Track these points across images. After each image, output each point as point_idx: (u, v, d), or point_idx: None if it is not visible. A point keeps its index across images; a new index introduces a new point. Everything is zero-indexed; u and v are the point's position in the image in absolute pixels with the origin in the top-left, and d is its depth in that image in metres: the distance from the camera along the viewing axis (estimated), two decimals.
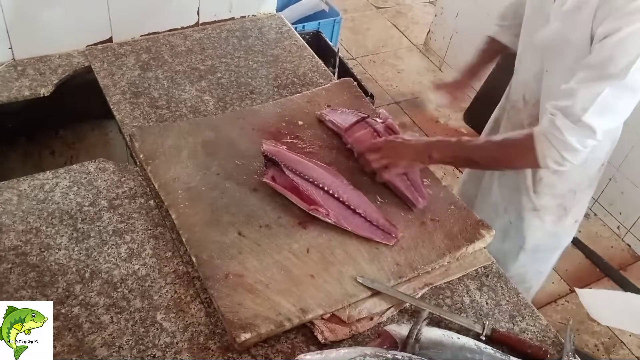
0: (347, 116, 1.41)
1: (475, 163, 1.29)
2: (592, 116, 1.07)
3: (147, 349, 0.97)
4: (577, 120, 1.08)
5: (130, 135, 1.33)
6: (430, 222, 1.22)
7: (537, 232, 1.45)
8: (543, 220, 1.43)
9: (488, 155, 1.23)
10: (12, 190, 1.20)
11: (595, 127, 1.08)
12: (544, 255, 1.54)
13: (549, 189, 1.38)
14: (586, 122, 1.07)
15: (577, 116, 1.08)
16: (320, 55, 1.78)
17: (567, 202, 1.40)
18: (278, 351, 0.99)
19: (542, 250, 1.51)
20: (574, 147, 1.11)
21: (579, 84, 1.08)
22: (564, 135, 1.10)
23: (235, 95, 1.54)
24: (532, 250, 1.49)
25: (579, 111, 1.07)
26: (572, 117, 1.08)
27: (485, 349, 0.99)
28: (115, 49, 1.62)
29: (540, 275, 1.61)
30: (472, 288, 1.15)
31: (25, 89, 1.46)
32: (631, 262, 2.55)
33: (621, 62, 1.02)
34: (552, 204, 1.40)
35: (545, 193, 1.39)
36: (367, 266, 1.10)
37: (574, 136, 1.09)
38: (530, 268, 1.55)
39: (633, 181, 2.54)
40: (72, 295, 1.02)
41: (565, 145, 1.11)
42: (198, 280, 1.07)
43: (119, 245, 1.12)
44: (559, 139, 1.11)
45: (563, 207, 1.41)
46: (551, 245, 1.52)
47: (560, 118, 1.10)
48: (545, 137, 1.13)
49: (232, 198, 1.20)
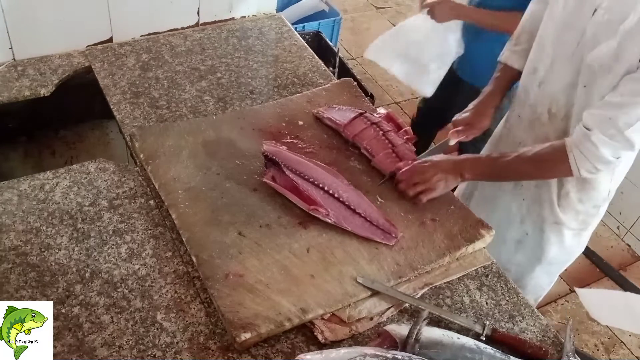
0: (345, 112, 1.42)
1: (506, 178, 1.32)
2: (635, 132, 1.08)
3: (147, 348, 0.97)
4: (615, 134, 1.09)
5: (130, 135, 1.33)
6: (430, 222, 1.22)
7: (555, 246, 1.45)
8: (563, 234, 1.42)
9: (520, 171, 1.26)
10: (12, 190, 1.20)
11: (635, 142, 1.10)
12: (557, 268, 1.54)
13: (575, 204, 1.37)
14: (627, 137, 1.09)
15: (619, 130, 1.09)
16: (320, 55, 1.78)
17: (589, 217, 1.40)
18: (278, 351, 0.99)
19: (557, 262, 1.50)
20: (608, 159, 1.13)
21: (625, 98, 1.08)
22: (599, 149, 1.11)
23: (236, 95, 1.54)
24: (548, 262, 1.48)
25: (622, 125, 1.08)
26: (612, 130, 1.09)
27: (485, 348, 0.99)
28: (115, 49, 1.62)
29: (550, 285, 1.61)
30: (472, 288, 1.15)
31: (25, 89, 1.46)
32: (631, 262, 2.55)
33: None
34: (575, 219, 1.40)
35: (571, 208, 1.38)
36: (367, 266, 1.10)
37: (610, 150, 1.11)
38: (544, 280, 1.55)
39: (633, 181, 2.54)
40: (72, 295, 1.02)
41: (600, 158, 1.13)
42: (198, 280, 1.07)
43: (119, 245, 1.12)
44: (593, 153, 1.12)
45: (586, 222, 1.41)
46: (566, 258, 1.52)
47: (596, 134, 1.11)
48: (579, 150, 1.14)
49: (232, 198, 1.20)
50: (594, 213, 1.39)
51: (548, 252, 1.46)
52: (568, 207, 1.37)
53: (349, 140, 1.37)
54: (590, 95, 1.19)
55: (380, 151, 1.32)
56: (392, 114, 1.43)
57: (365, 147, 1.34)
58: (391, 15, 3.84)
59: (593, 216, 1.40)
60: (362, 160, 1.34)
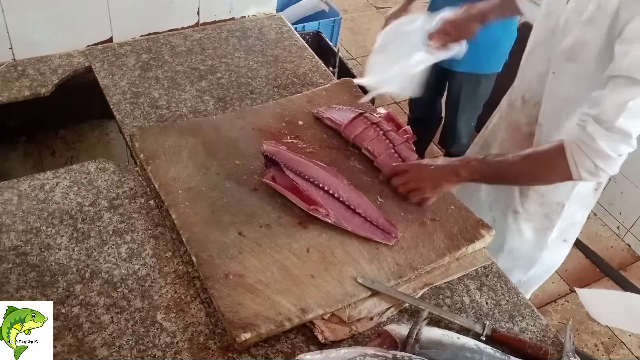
0: (345, 113, 1.42)
1: (504, 179, 1.26)
2: (626, 120, 1.04)
3: (147, 348, 0.97)
4: (610, 127, 1.05)
5: (130, 135, 1.33)
6: (430, 222, 1.22)
7: (515, 236, 1.43)
8: (523, 225, 1.41)
9: (517, 171, 1.20)
10: (12, 190, 1.20)
11: (630, 131, 1.05)
12: (520, 264, 1.50)
13: (537, 195, 1.36)
14: (620, 127, 1.04)
15: (610, 122, 1.05)
16: (320, 55, 1.78)
17: (553, 213, 1.38)
18: (278, 351, 0.99)
19: (520, 257, 1.48)
20: (607, 154, 1.07)
21: (607, 91, 1.06)
22: (596, 142, 1.06)
23: (236, 95, 1.54)
24: (509, 253, 1.46)
25: (611, 117, 1.04)
26: (605, 123, 1.06)
27: (485, 349, 0.99)
28: (115, 49, 1.62)
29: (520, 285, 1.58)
30: (472, 288, 1.15)
31: (25, 89, 1.46)
32: (631, 262, 2.55)
33: None
34: (538, 211, 1.38)
35: (534, 199, 1.36)
36: (367, 266, 1.10)
37: (607, 143, 1.06)
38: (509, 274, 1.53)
39: (633, 181, 2.54)
40: (72, 295, 1.02)
41: (598, 152, 1.07)
42: (198, 280, 1.07)
43: (119, 245, 1.12)
44: (590, 147, 1.07)
45: (549, 218, 1.39)
46: (529, 255, 1.47)
47: (591, 124, 1.07)
48: (577, 145, 1.09)
49: (232, 198, 1.20)
50: (558, 210, 1.37)
51: (508, 242, 1.45)
52: (530, 197, 1.37)
53: (349, 140, 1.37)
54: (557, 83, 1.20)
55: (382, 151, 1.32)
56: (392, 114, 1.43)
57: (366, 147, 1.34)
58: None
59: (558, 214, 1.38)
60: (362, 160, 1.34)
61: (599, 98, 1.07)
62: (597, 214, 2.72)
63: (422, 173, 1.24)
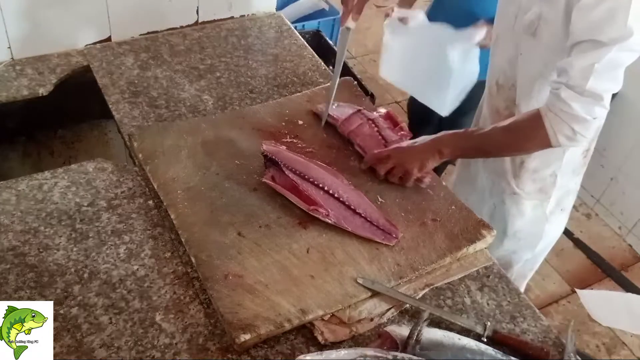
0: (344, 109, 1.42)
1: (486, 152, 1.28)
2: (596, 82, 1.06)
3: (146, 350, 0.96)
4: (581, 91, 1.08)
5: (129, 135, 1.32)
6: (431, 223, 1.21)
7: (516, 218, 1.45)
8: (522, 205, 1.43)
9: (497, 142, 1.22)
10: (10, 190, 1.19)
11: (601, 93, 1.07)
12: (526, 243, 1.52)
13: (530, 173, 1.38)
14: (590, 90, 1.07)
15: (581, 87, 1.07)
16: (320, 54, 1.78)
17: (547, 186, 1.40)
18: (278, 352, 0.98)
19: (523, 236, 1.49)
20: (583, 117, 1.09)
21: (573, 57, 1.09)
22: (571, 106, 1.09)
23: (235, 94, 1.53)
24: (514, 235, 1.48)
25: (581, 81, 1.07)
26: (576, 88, 1.08)
27: (487, 350, 0.98)
28: (114, 48, 1.62)
29: (526, 264, 1.59)
30: (473, 289, 1.15)
31: (24, 88, 1.45)
32: (633, 262, 2.54)
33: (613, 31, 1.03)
34: (532, 188, 1.40)
35: (527, 177, 1.38)
36: (367, 266, 1.10)
37: (581, 106, 1.09)
38: (514, 256, 1.54)
39: (634, 181, 2.53)
40: (70, 295, 1.02)
41: (574, 117, 1.10)
42: (197, 280, 1.07)
43: (117, 245, 1.11)
44: (566, 112, 1.10)
45: (544, 191, 1.41)
46: (533, 232, 1.50)
47: (564, 90, 1.09)
48: (553, 112, 1.12)
49: (232, 198, 1.19)
50: (551, 181, 1.39)
51: (511, 224, 1.46)
52: (523, 176, 1.38)
53: (344, 136, 1.37)
54: (526, 62, 1.23)
55: (373, 148, 1.31)
56: (391, 113, 1.43)
57: (358, 143, 1.34)
58: None
59: (552, 185, 1.39)
60: (362, 160, 1.33)
61: (566, 65, 1.09)
62: (598, 214, 2.72)
63: (405, 156, 1.25)
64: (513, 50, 1.28)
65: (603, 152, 2.57)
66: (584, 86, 1.07)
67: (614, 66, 1.07)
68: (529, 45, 1.23)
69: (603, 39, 1.04)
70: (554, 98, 1.12)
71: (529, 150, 1.29)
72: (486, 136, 1.22)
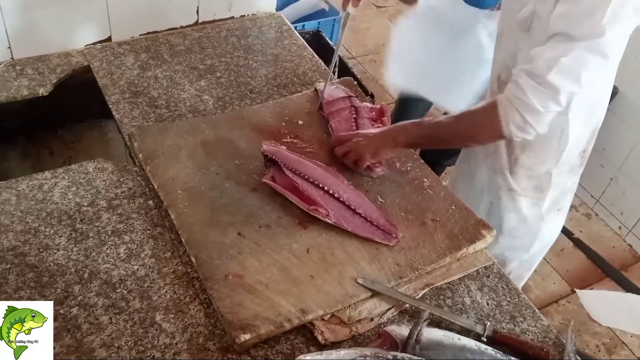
0: (338, 91, 1.45)
1: (440, 140, 1.27)
2: (557, 76, 1.05)
3: (146, 349, 0.96)
4: (541, 82, 1.07)
5: (129, 135, 1.32)
6: (431, 222, 1.21)
7: (512, 215, 1.45)
8: (518, 202, 1.42)
9: (451, 129, 1.21)
10: (10, 190, 1.19)
11: (558, 87, 1.06)
12: (521, 241, 1.51)
13: (525, 169, 1.37)
14: (550, 82, 1.06)
15: (542, 76, 1.06)
16: (320, 54, 1.78)
17: (543, 184, 1.39)
18: (278, 352, 0.98)
19: (519, 235, 1.49)
20: (536, 108, 1.08)
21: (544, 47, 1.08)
22: (526, 94, 1.08)
23: (235, 94, 1.53)
24: (509, 233, 1.48)
25: (543, 70, 1.06)
26: (537, 77, 1.07)
27: (486, 349, 0.98)
28: (114, 48, 1.62)
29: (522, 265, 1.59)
30: (473, 288, 1.15)
31: (24, 88, 1.45)
32: (633, 262, 2.54)
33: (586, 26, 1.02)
34: (527, 185, 1.40)
35: (521, 174, 1.38)
36: (367, 266, 1.10)
37: (537, 96, 1.08)
38: (509, 254, 1.53)
39: (634, 181, 2.53)
40: (70, 295, 1.02)
41: (527, 106, 1.09)
42: (197, 280, 1.07)
43: (117, 245, 1.11)
44: (520, 100, 1.09)
45: (540, 189, 1.40)
46: (528, 231, 1.49)
47: (523, 77, 1.09)
48: (508, 100, 1.11)
49: (232, 198, 1.19)
50: (546, 180, 1.38)
51: (506, 221, 1.46)
52: (518, 173, 1.38)
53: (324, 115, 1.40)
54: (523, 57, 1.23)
55: (343, 132, 1.34)
56: (384, 108, 1.43)
57: (331, 124, 1.37)
58: (392, 14, 3.82)
59: (547, 183, 1.39)
60: None
61: (535, 54, 1.09)
62: (598, 214, 2.72)
63: (361, 142, 1.26)
64: (514, 46, 1.28)
65: (603, 152, 2.57)
66: (545, 76, 1.06)
67: (580, 66, 1.05)
68: (524, 42, 1.23)
69: (575, 34, 1.03)
70: (512, 85, 1.11)
71: (482, 140, 1.27)
72: (441, 124, 1.22)
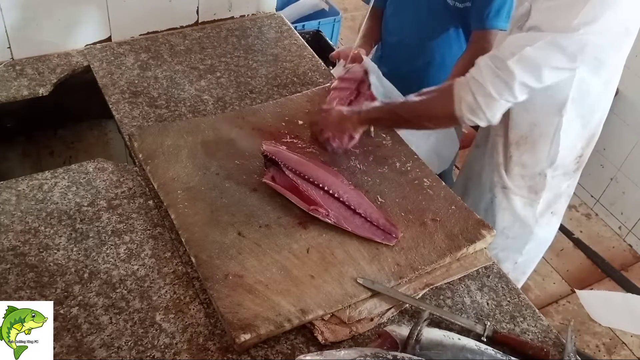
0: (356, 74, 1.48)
1: (401, 118, 1.28)
2: (517, 63, 1.06)
3: (146, 349, 0.96)
4: (500, 66, 1.08)
5: (129, 135, 1.32)
6: (431, 222, 1.21)
7: (506, 213, 1.45)
8: (512, 201, 1.43)
9: (408, 108, 1.25)
10: (10, 190, 1.19)
11: (516, 75, 1.07)
12: (514, 242, 1.51)
13: (519, 167, 1.38)
14: (508, 67, 1.07)
15: (503, 60, 1.08)
16: (320, 54, 1.78)
17: (537, 185, 1.40)
18: (278, 352, 0.98)
19: (512, 235, 1.49)
20: (489, 92, 1.09)
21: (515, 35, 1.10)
22: (483, 77, 1.09)
23: (235, 94, 1.53)
24: (502, 232, 1.48)
25: (506, 54, 1.07)
26: (498, 61, 1.09)
27: (486, 349, 0.98)
28: (114, 49, 1.62)
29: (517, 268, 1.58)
30: (473, 288, 1.15)
31: (24, 88, 1.45)
32: (633, 262, 2.54)
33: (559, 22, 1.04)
34: (522, 185, 1.40)
35: (516, 172, 1.39)
36: (367, 266, 1.10)
37: (493, 81, 1.09)
38: (503, 255, 1.53)
39: (634, 181, 2.53)
40: (70, 295, 1.02)
41: (481, 88, 1.10)
42: (197, 280, 1.07)
43: (117, 245, 1.11)
44: (476, 81, 1.11)
45: (534, 190, 1.41)
46: (521, 232, 1.48)
47: (484, 59, 1.11)
48: (466, 80, 1.13)
49: (232, 198, 1.19)
50: (541, 181, 1.38)
51: (501, 220, 1.46)
52: (513, 171, 1.39)
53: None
54: None
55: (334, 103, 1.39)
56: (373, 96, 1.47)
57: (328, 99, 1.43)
58: None
59: (542, 184, 1.39)
60: (362, 160, 1.33)
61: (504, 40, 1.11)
62: (598, 214, 2.72)
63: (328, 120, 1.31)
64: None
65: (603, 152, 2.58)
66: (506, 60, 1.07)
67: (542, 59, 1.06)
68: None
69: (546, 27, 1.05)
70: (474, 67, 1.13)
71: (437, 120, 1.27)
72: (402, 102, 1.27)
